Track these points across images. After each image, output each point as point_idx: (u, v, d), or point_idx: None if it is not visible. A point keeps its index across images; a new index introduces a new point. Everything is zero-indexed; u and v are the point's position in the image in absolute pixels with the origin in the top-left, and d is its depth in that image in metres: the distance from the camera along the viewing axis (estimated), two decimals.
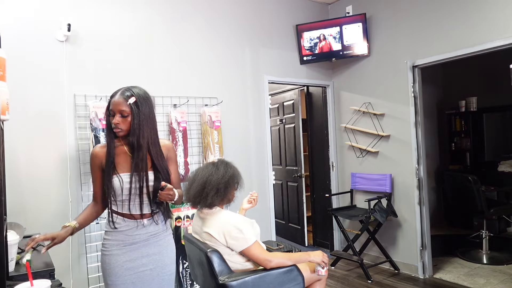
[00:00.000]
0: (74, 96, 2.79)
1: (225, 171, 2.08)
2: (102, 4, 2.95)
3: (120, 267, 1.78)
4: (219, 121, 3.33)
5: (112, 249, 1.80)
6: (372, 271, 3.75)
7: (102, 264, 1.82)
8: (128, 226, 1.80)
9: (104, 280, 1.83)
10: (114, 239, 1.80)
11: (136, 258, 1.80)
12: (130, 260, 1.79)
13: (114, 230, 1.80)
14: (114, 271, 1.78)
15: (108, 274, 1.80)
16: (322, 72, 4.33)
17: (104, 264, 1.81)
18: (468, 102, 5.24)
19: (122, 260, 1.78)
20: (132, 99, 1.74)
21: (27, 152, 2.60)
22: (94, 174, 1.85)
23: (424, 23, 3.51)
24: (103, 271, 1.82)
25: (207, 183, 2.01)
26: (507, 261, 3.81)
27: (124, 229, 1.80)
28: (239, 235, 1.97)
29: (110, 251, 1.80)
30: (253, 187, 3.68)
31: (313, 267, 2.20)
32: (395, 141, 3.78)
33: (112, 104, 1.75)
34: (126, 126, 1.75)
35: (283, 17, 4.04)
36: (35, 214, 2.59)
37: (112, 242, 1.80)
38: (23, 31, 2.62)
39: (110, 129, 1.80)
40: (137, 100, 1.75)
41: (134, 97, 1.74)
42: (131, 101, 1.73)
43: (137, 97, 1.75)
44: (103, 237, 1.85)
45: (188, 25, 3.37)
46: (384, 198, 3.73)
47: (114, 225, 1.79)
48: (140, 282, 1.80)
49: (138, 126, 1.74)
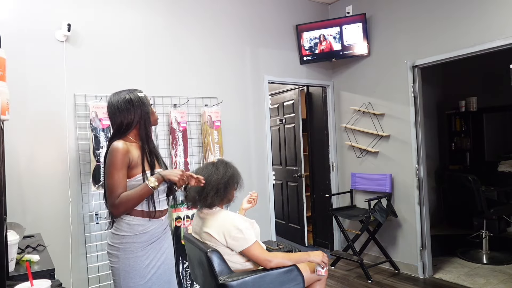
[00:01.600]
0: (74, 96, 2.79)
1: (225, 171, 2.08)
2: (102, 4, 2.95)
3: (145, 267, 1.79)
4: (219, 121, 3.33)
5: (136, 250, 1.77)
6: (372, 271, 3.75)
7: (124, 267, 1.76)
8: (153, 225, 1.82)
9: (124, 283, 1.77)
10: (139, 241, 1.78)
11: (154, 256, 1.83)
12: (152, 259, 1.81)
13: (141, 232, 1.78)
14: (139, 272, 1.77)
15: (131, 277, 1.76)
16: (322, 72, 4.33)
17: (127, 267, 1.76)
18: (468, 102, 5.24)
19: (146, 260, 1.79)
20: None
21: (27, 152, 2.60)
22: (123, 171, 1.73)
23: (424, 23, 3.51)
24: (124, 274, 1.76)
25: (207, 183, 2.01)
26: (507, 261, 3.81)
27: (150, 229, 1.81)
28: (239, 235, 1.97)
29: (135, 253, 1.77)
30: (253, 187, 3.68)
31: (313, 267, 2.20)
32: (395, 141, 3.78)
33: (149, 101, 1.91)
34: None
35: (283, 17, 4.04)
36: (35, 214, 2.59)
37: (137, 245, 1.77)
38: (23, 31, 2.62)
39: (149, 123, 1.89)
40: None
41: None
42: None
43: None
44: (123, 241, 1.77)
45: (188, 25, 3.37)
46: (384, 198, 3.73)
47: (140, 227, 1.78)
48: (159, 280, 1.84)
49: None
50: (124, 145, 1.76)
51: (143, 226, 1.79)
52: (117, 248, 1.77)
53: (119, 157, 1.72)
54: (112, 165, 1.72)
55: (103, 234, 2.83)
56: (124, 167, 1.74)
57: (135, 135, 1.86)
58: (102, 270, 2.82)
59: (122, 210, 1.72)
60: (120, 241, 1.77)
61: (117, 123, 1.83)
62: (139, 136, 1.86)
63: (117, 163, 1.72)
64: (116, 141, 1.78)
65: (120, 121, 1.83)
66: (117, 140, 1.78)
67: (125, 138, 1.83)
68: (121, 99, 1.84)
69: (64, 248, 2.68)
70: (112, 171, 1.72)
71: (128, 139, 1.83)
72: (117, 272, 1.78)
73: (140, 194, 1.70)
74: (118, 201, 1.69)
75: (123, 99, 1.83)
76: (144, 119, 1.86)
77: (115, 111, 1.83)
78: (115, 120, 1.84)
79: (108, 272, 2.83)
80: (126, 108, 1.82)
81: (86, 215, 2.77)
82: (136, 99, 1.85)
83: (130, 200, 1.70)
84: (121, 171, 1.72)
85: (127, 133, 1.84)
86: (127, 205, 1.70)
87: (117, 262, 1.78)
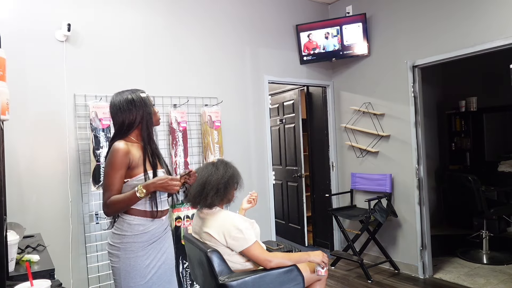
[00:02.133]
0: (74, 96, 2.79)
1: (225, 171, 2.08)
2: (102, 4, 2.95)
3: (146, 267, 1.79)
4: (219, 121, 3.33)
5: (137, 250, 1.78)
6: (372, 271, 3.75)
7: (125, 267, 1.77)
8: (154, 225, 1.83)
9: (125, 283, 1.77)
10: (140, 241, 1.78)
11: (155, 256, 1.84)
12: (153, 259, 1.82)
13: (142, 232, 1.79)
14: (140, 272, 1.78)
15: (132, 276, 1.77)
16: (322, 72, 4.33)
17: (128, 267, 1.77)
18: (468, 102, 5.24)
19: (146, 260, 1.80)
20: None
21: (27, 152, 2.60)
22: (121, 172, 1.75)
23: (424, 23, 3.51)
24: (125, 274, 1.77)
25: (207, 183, 2.01)
26: (507, 261, 3.81)
27: (151, 229, 1.82)
28: (239, 235, 1.97)
29: (135, 253, 1.78)
30: (253, 187, 3.68)
31: (313, 267, 2.20)
32: (395, 141, 3.78)
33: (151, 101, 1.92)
34: None
35: (283, 17, 4.04)
36: (35, 214, 2.59)
37: (138, 244, 1.78)
38: (23, 31, 2.62)
39: (151, 124, 1.88)
40: None
41: None
42: None
43: None
44: (123, 240, 1.77)
45: (188, 25, 3.37)
46: (384, 198, 3.73)
47: (141, 227, 1.79)
48: (159, 280, 1.85)
49: None
50: (125, 146, 1.76)
51: (144, 226, 1.79)
52: (118, 248, 1.78)
53: (118, 158, 1.73)
54: (111, 165, 1.74)
55: (103, 234, 2.83)
56: (122, 168, 1.75)
57: (136, 136, 1.86)
58: (102, 270, 2.82)
59: (111, 211, 1.76)
60: (121, 241, 1.78)
61: (119, 123, 1.84)
62: (141, 136, 1.86)
63: (116, 163, 1.74)
64: (117, 142, 1.78)
65: (122, 121, 1.83)
66: (118, 141, 1.79)
67: (126, 138, 1.83)
68: (123, 99, 1.84)
69: (64, 248, 2.68)
70: (109, 171, 1.74)
71: (129, 139, 1.83)
72: (118, 272, 1.78)
73: (129, 199, 1.71)
74: (109, 201, 1.73)
75: (125, 99, 1.84)
76: (146, 119, 1.86)
77: (117, 111, 1.84)
78: (117, 120, 1.84)
79: (108, 272, 2.83)
80: (128, 109, 1.82)
81: (86, 215, 2.77)
82: (138, 99, 1.85)
83: (119, 203, 1.72)
84: (119, 172, 1.74)
85: (129, 133, 1.84)
86: (115, 207, 1.73)
87: (117, 262, 1.78)
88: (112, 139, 1.87)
